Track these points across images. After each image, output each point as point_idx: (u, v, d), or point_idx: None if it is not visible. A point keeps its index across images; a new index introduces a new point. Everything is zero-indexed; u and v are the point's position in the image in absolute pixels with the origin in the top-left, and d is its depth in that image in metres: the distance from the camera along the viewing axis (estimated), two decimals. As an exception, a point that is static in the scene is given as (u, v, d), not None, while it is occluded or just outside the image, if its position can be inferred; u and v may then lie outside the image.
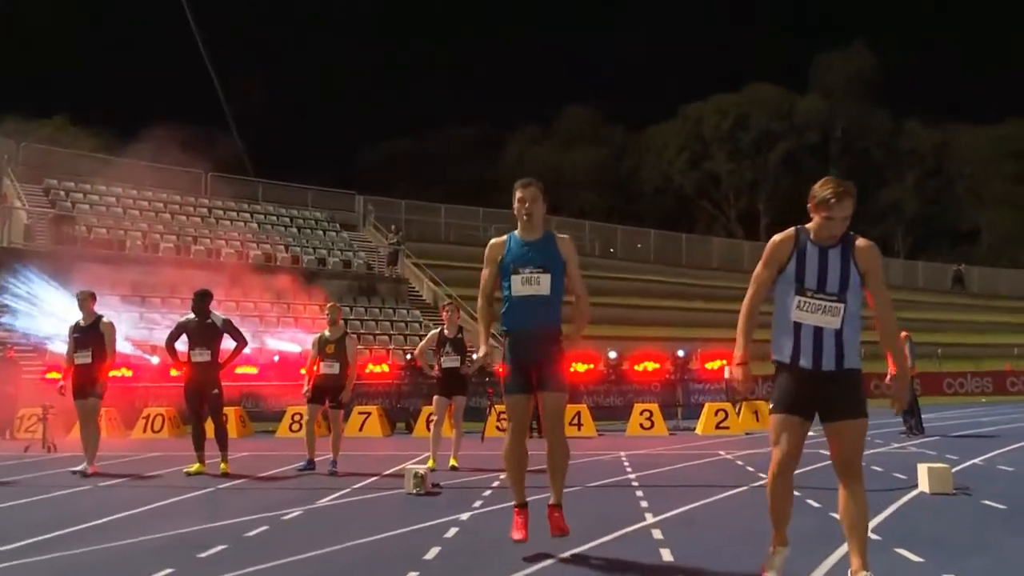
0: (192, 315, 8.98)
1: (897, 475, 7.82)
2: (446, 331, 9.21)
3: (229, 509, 6.39)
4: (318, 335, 9.29)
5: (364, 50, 73.56)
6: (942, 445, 11.00)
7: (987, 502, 6.22)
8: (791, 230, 3.95)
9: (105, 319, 9.14)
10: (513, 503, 4.79)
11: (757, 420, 14.70)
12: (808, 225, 3.91)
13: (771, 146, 52.43)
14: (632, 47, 69.13)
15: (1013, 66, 61.17)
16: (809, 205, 3.90)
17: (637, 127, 56.16)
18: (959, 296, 41.67)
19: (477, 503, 6.52)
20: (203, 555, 4.75)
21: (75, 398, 8.99)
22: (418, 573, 4.23)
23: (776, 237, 3.97)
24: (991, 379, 27.78)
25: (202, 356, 8.76)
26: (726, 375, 4.45)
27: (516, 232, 4.83)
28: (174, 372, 14.96)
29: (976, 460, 9.00)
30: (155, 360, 15.68)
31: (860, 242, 3.86)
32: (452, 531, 5.36)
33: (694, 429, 14.49)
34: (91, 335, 8.95)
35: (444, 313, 9.39)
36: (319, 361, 9.06)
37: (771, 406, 3.90)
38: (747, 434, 13.69)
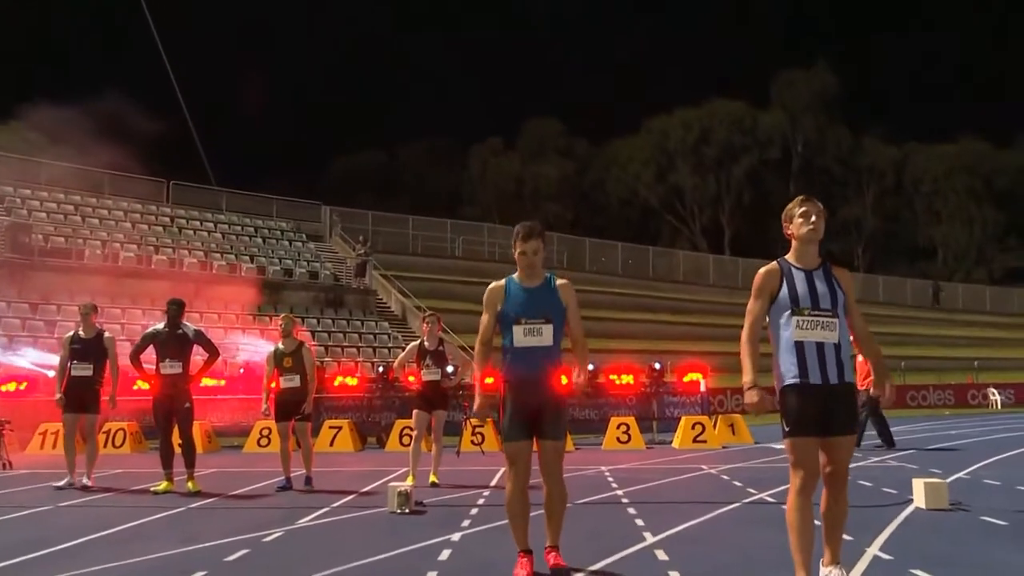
0: (161, 326, 8.61)
1: (887, 490, 7.73)
2: (426, 343, 8.93)
3: (204, 531, 6.04)
4: (272, 349, 8.94)
5: (329, 62, 73.02)
6: (921, 459, 10.99)
7: (987, 518, 6.13)
8: (773, 263, 4.18)
9: (108, 334, 9.00)
10: (517, 550, 4.62)
11: (733, 433, 14.64)
12: (787, 256, 4.19)
13: (734, 160, 53.14)
14: (595, 61, 69.71)
15: (966, 86, 62.95)
16: (787, 229, 4.20)
17: (601, 140, 56.57)
18: (920, 311, 42.42)
19: (465, 522, 6.26)
20: (182, 583, 4.43)
21: (68, 410, 8.69)
22: (418, 601, 3.96)
23: (762, 270, 4.17)
24: (953, 392, 28.22)
25: (173, 368, 8.38)
26: (746, 400, 4.34)
27: (515, 276, 4.73)
28: (138, 386, 14.45)
29: (961, 474, 8.97)
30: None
31: (837, 268, 4.17)
32: (445, 553, 5.10)
33: (670, 442, 14.35)
34: (93, 348, 8.76)
35: (424, 325, 9.11)
36: (277, 376, 8.72)
37: (786, 430, 4.00)
38: (724, 447, 13.59)
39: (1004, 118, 59.29)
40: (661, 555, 4.95)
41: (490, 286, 4.76)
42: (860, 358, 12.15)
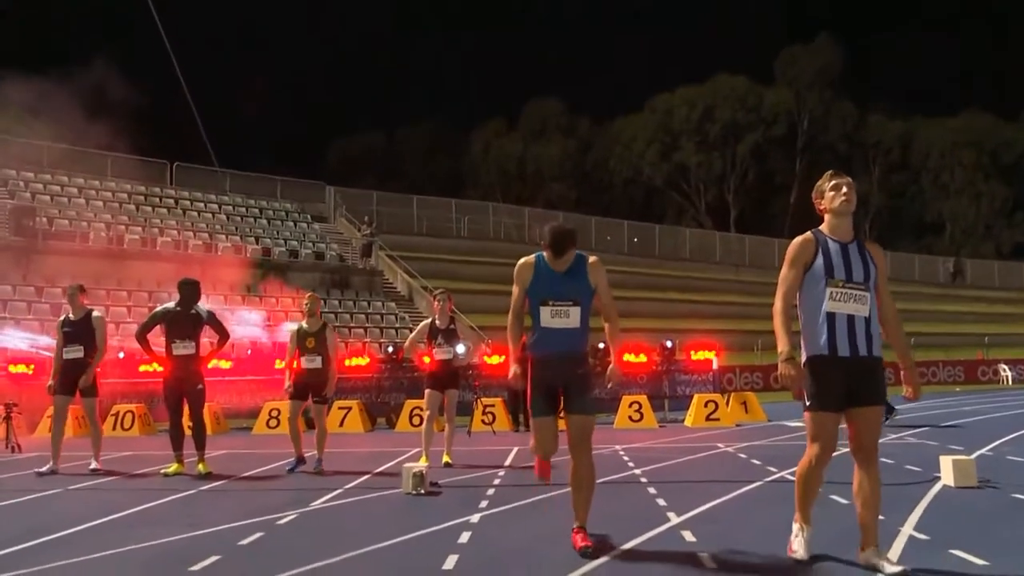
0: (172, 305, 8.46)
1: (911, 468, 7.58)
2: (437, 322, 8.76)
3: (216, 514, 5.90)
4: (296, 328, 8.77)
5: (331, 46, 72.45)
6: (939, 436, 10.84)
7: (1018, 496, 5.97)
8: (808, 233, 4.18)
9: (96, 313, 8.78)
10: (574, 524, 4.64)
11: (746, 411, 14.51)
12: (821, 227, 4.20)
13: (739, 138, 52.58)
14: (597, 39, 69.05)
15: (970, 58, 62.22)
16: (819, 204, 4.23)
17: (604, 119, 56.07)
18: (928, 286, 42.15)
19: (483, 503, 6.12)
20: (195, 568, 4.29)
21: (58, 392, 8.56)
22: (442, 586, 3.81)
23: (797, 240, 4.18)
24: (963, 368, 28.05)
25: (186, 349, 8.23)
26: (780, 371, 4.23)
27: (545, 255, 4.63)
28: (146, 368, 14.35)
29: (983, 451, 8.81)
30: (120, 355, 15.00)
31: (870, 242, 4.22)
32: (464, 536, 4.95)
33: (683, 421, 14.23)
34: (82, 330, 8.58)
35: (435, 303, 8.92)
36: (299, 356, 8.56)
37: (808, 403, 4.05)
38: (738, 425, 13.46)
39: (1010, 91, 58.73)
40: (688, 536, 4.80)
41: (520, 261, 4.71)
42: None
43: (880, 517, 5.04)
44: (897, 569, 3.79)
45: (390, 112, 70.70)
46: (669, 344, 15.56)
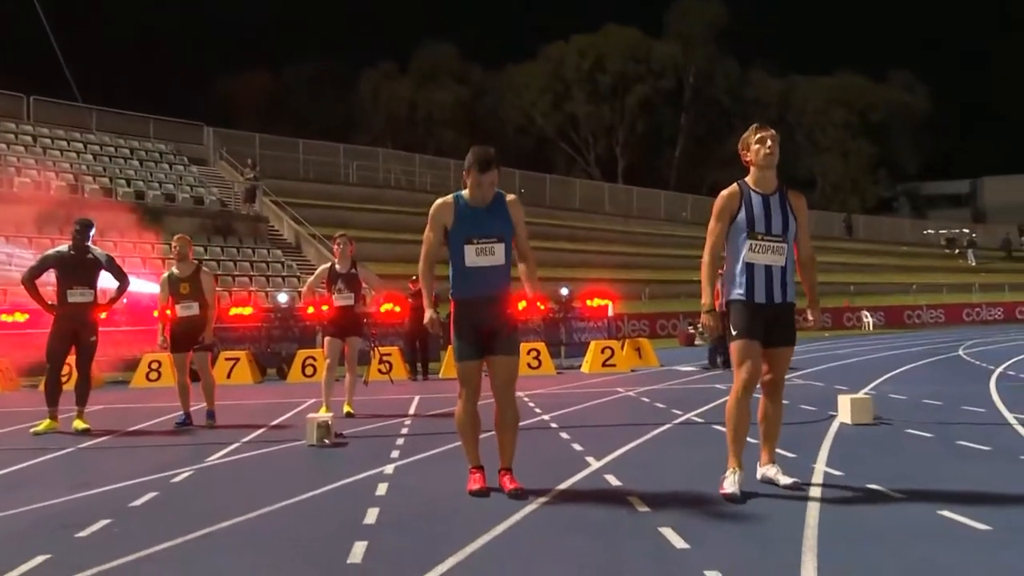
0: (65, 248, 7.68)
1: (806, 407, 7.85)
2: (338, 266, 8.33)
3: (102, 473, 5.40)
4: (166, 274, 8.16)
5: (205, -29, 67.79)
6: (824, 377, 11.36)
7: (912, 431, 6.25)
8: (734, 185, 4.36)
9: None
10: (469, 466, 4.62)
11: (640, 357, 14.80)
12: (747, 179, 4.38)
13: (628, 89, 53.10)
14: (491, -17, 67.77)
15: (844, 18, 64.99)
16: (745, 156, 4.37)
17: (497, 66, 55.37)
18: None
19: (394, 453, 5.88)
20: (83, 534, 3.85)
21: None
22: (366, 544, 3.55)
23: (724, 192, 4.36)
24: (831, 315, 29.72)
25: (83, 296, 7.54)
26: (702, 321, 4.27)
27: (464, 194, 4.52)
28: (7, 317, 13.21)
29: (866, 390, 9.24)
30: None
31: (792, 193, 4.39)
32: (382, 487, 4.70)
33: (579, 367, 14.37)
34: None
35: (336, 246, 8.46)
36: (173, 303, 7.97)
37: (733, 333, 4.28)
38: (633, 371, 13.70)
39: (880, 52, 61.82)
40: (613, 480, 4.72)
41: (437, 202, 4.55)
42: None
43: (792, 454, 5.20)
44: (789, 480, 4.30)
45: (275, 49, 67.26)
46: (564, 292, 15.62)
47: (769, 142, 4.28)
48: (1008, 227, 50.21)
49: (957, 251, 47.26)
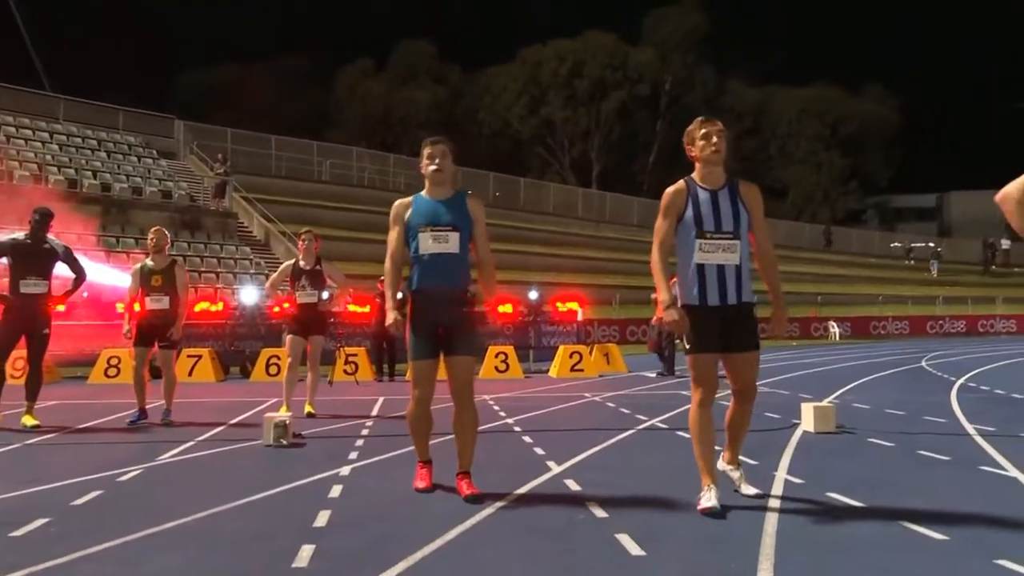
0: (21, 236, 7.45)
1: (770, 415, 7.84)
2: (302, 263, 8.17)
3: (46, 471, 5.22)
4: (139, 265, 7.97)
5: (180, -37, 66.96)
6: (789, 385, 11.39)
7: (874, 440, 6.25)
8: (681, 181, 4.17)
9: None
10: (417, 460, 4.67)
11: (608, 362, 14.76)
12: (693, 175, 4.18)
13: (605, 95, 53.24)
14: (471, -15, 67.67)
15: (821, 31, 65.65)
16: (690, 151, 4.18)
17: (475, 68, 55.25)
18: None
19: (352, 455, 5.76)
20: (18, 533, 3.69)
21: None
22: (314, 547, 3.44)
23: (669, 189, 4.16)
24: (798, 325, 29.97)
25: (37, 287, 7.32)
26: (665, 318, 4.18)
27: (422, 192, 4.58)
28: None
29: (831, 399, 9.27)
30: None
31: (743, 184, 4.18)
32: (336, 489, 4.59)
33: (547, 371, 14.30)
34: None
35: (301, 242, 8.30)
36: (143, 296, 7.78)
37: (688, 347, 4.11)
38: (601, 376, 13.66)
39: (856, 65, 62.64)
40: (572, 485, 4.65)
41: (396, 202, 4.59)
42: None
43: (754, 462, 5.16)
44: (753, 491, 4.24)
45: (248, 41, 66.49)
46: (534, 295, 15.55)
47: (714, 137, 4.07)
48: (973, 241, 51.00)
49: (912, 260, 47.99)
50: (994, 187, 3.52)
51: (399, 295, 4.57)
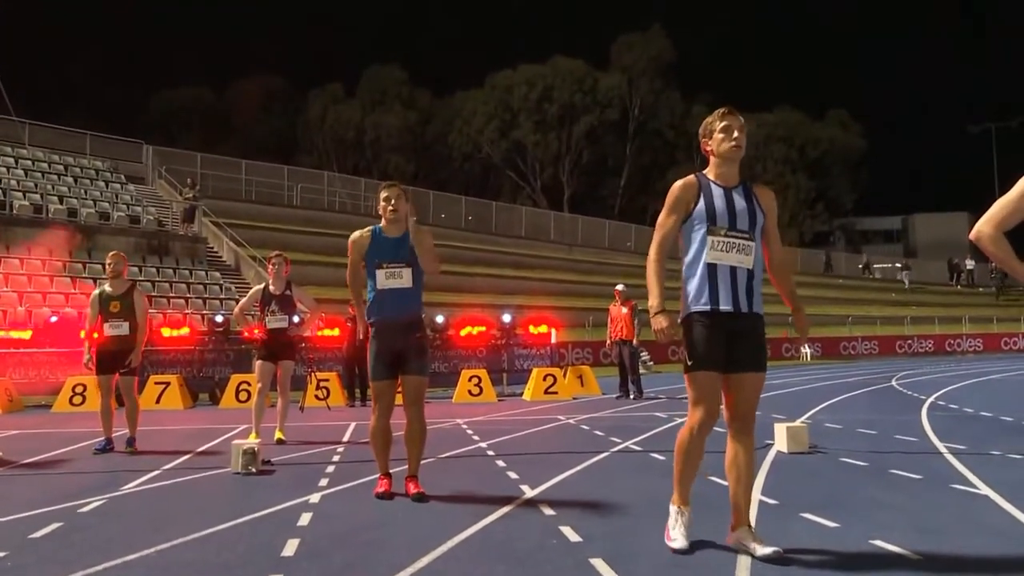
0: None
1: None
2: (272, 287, 8.08)
3: (3, 503, 5.05)
4: (97, 291, 7.81)
5: (150, -12, 66.82)
6: (761, 406, 11.41)
7: (846, 460, 6.27)
8: (691, 176, 3.79)
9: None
10: (377, 473, 5.17)
11: (582, 385, 14.73)
12: (706, 171, 3.81)
13: (575, 120, 53.72)
14: (442, 9, 68.18)
15: (786, 57, 67.00)
16: (705, 145, 3.81)
17: (445, 92, 55.51)
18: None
19: (323, 481, 5.65)
20: (-27, 568, 3.57)
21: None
22: (282, 575, 3.35)
23: (678, 183, 3.77)
24: (770, 345, 30.07)
25: None
26: (653, 326, 4.05)
27: (380, 226, 5.17)
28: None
29: (803, 419, 9.30)
30: None
31: (759, 187, 3.82)
32: (305, 517, 4.49)
33: (521, 394, 14.24)
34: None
35: (270, 267, 8.22)
36: (101, 322, 7.62)
37: (690, 363, 3.67)
38: (575, 398, 13.62)
39: (819, 90, 63.86)
40: (546, 509, 4.59)
41: (355, 234, 5.17)
42: (614, 308, 13.19)
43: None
44: (769, 551, 3.49)
45: (218, 65, 66.24)
46: (507, 318, 15.51)
47: (736, 132, 3.68)
48: (939, 262, 51.92)
49: (863, 268, 49.29)
50: (958, 209, 3.55)
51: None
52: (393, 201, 5.08)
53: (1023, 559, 3.41)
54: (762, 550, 3.51)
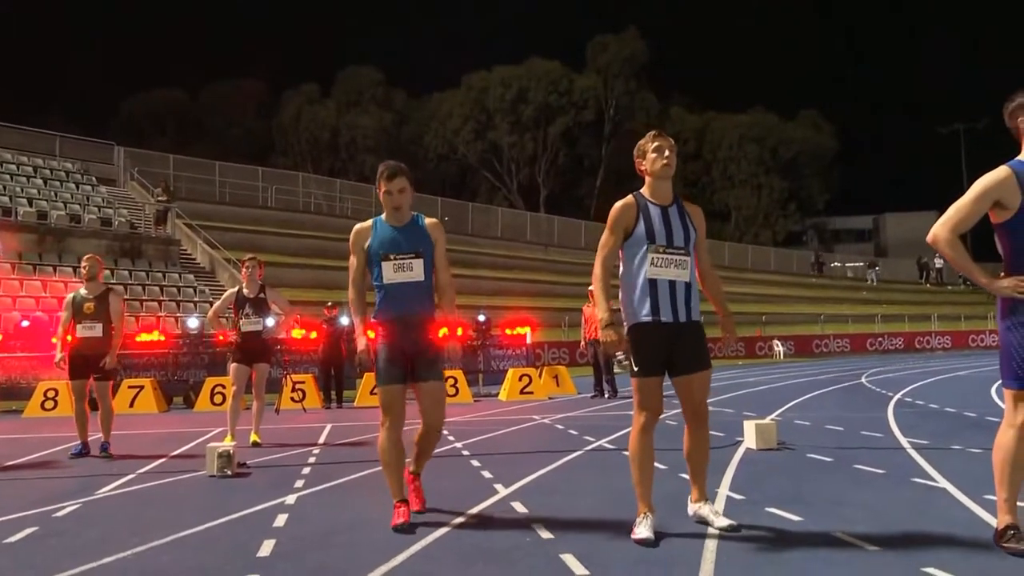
0: None
1: (715, 432, 7.93)
2: (245, 290, 8.11)
3: (-23, 508, 5.05)
4: (72, 295, 7.79)
5: (121, -13, 66.12)
6: (734, 404, 11.61)
7: (813, 456, 6.42)
8: (629, 197, 4.10)
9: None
10: (394, 500, 4.40)
11: (557, 385, 14.85)
12: (642, 190, 4.12)
13: (550, 120, 53.93)
14: (417, 11, 68.13)
15: (759, 58, 67.73)
16: (640, 165, 4.12)
17: (421, 93, 55.48)
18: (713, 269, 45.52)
19: (298, 483, 5.70)
20: (-52, 573, 3.58)
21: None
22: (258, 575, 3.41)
23: (618, 204, 4.08)
24: (744, 344, 30.56)
25: None
26: (602, 338, 4.24)
27: (382, 217, 4.56)
28: None
29: (773, 416, 9.47)
30: None
31: (688, 204, 4.17)
32: (281, 518, 4.54)
33: (497, 395, 14.32)
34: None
35: (244, 270, 8.24)
36: (74, 324, 7.59)
37: (634, 370, 4.00)
38: (550, 398, 13.73)
39: (791, 91, 64.62)
40: (519, 507, 4.68)
41: (356, 227, 4.56)
42: (588, 309, 13.38)
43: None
44: (726, 523, 3.97)
45: (191, 66, 65.66)
46: (482, 319, 15.59)
47: (667, 151, 4.01)
48: (908, 261, 52.76)
49: (818, 263, 50.12)
50: (927, 209, 3.70)
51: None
52: (395, 195, 4.40)
53: (979, 550, 3.55)
54: (720, 521, 3.98)
